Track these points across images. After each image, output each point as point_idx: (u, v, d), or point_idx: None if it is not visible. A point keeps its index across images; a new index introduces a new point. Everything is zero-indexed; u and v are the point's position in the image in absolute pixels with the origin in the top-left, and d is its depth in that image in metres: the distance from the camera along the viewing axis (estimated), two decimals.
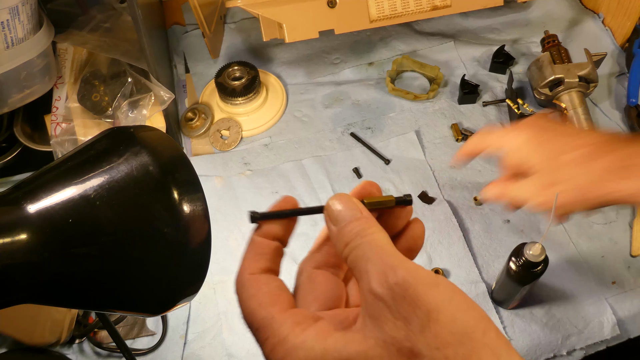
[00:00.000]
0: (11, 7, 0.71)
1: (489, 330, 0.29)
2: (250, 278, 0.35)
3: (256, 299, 0.33)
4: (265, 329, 0.32)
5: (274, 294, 0.34)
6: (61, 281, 0.35)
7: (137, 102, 0.85)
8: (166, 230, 0.35)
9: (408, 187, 0.89)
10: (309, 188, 0.90)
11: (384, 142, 0.94)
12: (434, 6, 0.94)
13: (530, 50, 1.06)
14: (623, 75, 1.02)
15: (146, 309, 0.39)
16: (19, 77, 0.77)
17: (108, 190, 0.35)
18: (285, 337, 0.31)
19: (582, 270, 0.81)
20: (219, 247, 0.84)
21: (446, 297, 0.29)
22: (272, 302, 0.33)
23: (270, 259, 0.36)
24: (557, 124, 0.66)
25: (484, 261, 0.82)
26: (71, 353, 0.77)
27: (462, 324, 0.28)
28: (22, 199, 0.35)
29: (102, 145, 0.38)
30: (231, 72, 0.96)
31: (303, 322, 0.32)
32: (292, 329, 0.31)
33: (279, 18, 0.89)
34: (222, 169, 0.92)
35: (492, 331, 0.29)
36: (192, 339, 0.77)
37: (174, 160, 0.38)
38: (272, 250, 0.36)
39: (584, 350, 0.75)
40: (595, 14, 1.10)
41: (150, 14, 0.90)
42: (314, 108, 1.00)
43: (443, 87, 1.01)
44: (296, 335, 0.31)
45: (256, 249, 0.36)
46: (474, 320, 0.29)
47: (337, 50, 1.07)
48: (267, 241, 0.36)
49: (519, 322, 0.77)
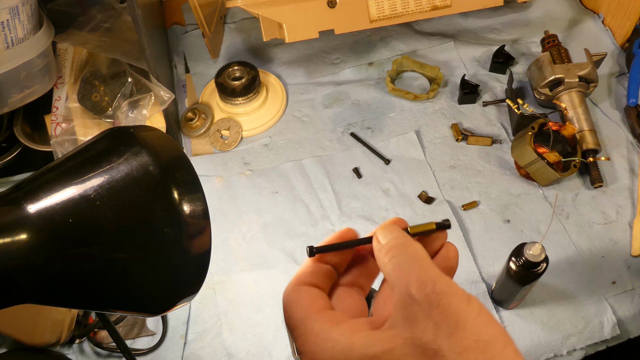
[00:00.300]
0: (11, 7, 0.71)
1: (508, 345, 0.32)
2: (295, 288, 0.38)
3: (297, 304, 0.36)
4: (300, 326, 0.35)
5: (313, 299, 0.37)
6: (61, 281, 0.35)
7: (137, 102, 0.85)
8: (166, 230, 0.35)
9: (408, 187, 0.89)
10: (309, 188, 0.90)
11: (384, 142, 0.94)
12: (434, 6, 0.94)
13: (530, 50, 1.06)
14: (623, 75, 1.02)
15: (146, 309, 0.39)
16: (19, 77, 0.77)
17: (108, 190, 0.35)
18: (318, 332, 0.34)
19: (582, 270, 0.81)
20: (219, 247, 0.84)
21: (475, 312, 0.32)
22: (310, 305, 0.36)
23: (320, 279, 0.39)
24: None
25: (484, 261, 0.82)
26: (71, 353, 0.77)
27: (486, 335, 0.31)
28: (22, 199, 0.35)
29: (102, 145, 0.38)
30: (231, 72, 0.96)
31: (335, 320, 0.35)
32: (324, 325, 0.34)
33: (279, 18, 0.89)
34: (222, 169, 0.92)
35: (511, 346, 0.32)
36: (192, 339, 0.77)
37: (174, 160, 0.38)
38: (323, 272, 0.39)
39: (584, 350, 0.75)
40: (595, 14, 1.10)
41: (150, 14, 0.90)
42: (314, 108, 1.00)
43: (443, 87, 1.01)
44: (327, 329, 0.34)
45: (308, 268, 0.39)
46: (496, 334, 0.32)
47: (337, 50, 1.07)
48: (319, 264, 0.39)
49: (519, 322, 0.77)
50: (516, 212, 0.86)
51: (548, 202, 0.87)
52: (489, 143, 0.93)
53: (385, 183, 0.90)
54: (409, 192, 0.89)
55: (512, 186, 0.89)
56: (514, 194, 0.88)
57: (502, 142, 0.94)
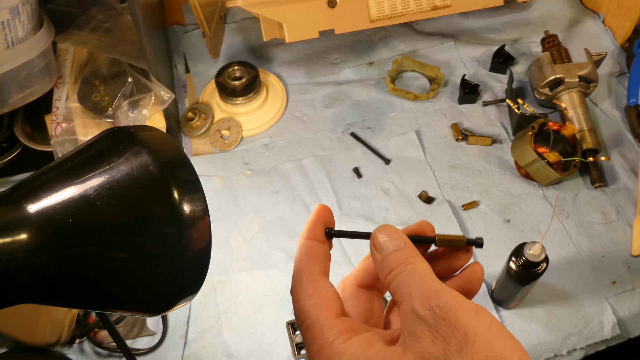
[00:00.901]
0: (11, 7, 0.71)
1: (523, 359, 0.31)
2: (310, 279, 0.37)
3: (313, 299, 0.35)
4: (315, 330, 0.34)
5: (329, 298, 0.36)
6: (61, 281, 0.35)
7: (137, 102, 0.85)
8: (166, 230, 0.35)
9: (408, 187, 0.89)
10: (309, 188, 0.90)
11: (384, 142, 0.94)
12: (434, 6, 0.94)
13: (530, 50, 1.06)
14: (623, 75, 1.02)
15: (146, 308, 0.39)
16: (19, 77, 0.77)
17: (108, 190, 0.35)
18: (332, 341, 0.33)
19: (582, 270, 0.81)
20: (219, 247, 0.84)
21: (484, 324, 0.31)
22: (327, 307, 0.35)
23: (325, 261, 0.38)
24: None
25: (484, 261, 0.82)
26: (71, 353, 0.77)
27: (498, 350, 0.30)
28: (22, 199, 0.35)
29: (103, 145, 0.38)
30: (231, 72, 0.96)
31: (351, 331, 0.34)
32: (340, 335, 0.33)
33: (279, 18, 0.89)
34: (222, 168, 0.92)
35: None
36: (192, 338, 0.78)
37: (174, 160, 0.38)
38: (325, 254, 0.39)
39: (584, 350, 0.75)
40: (596, 13, 1.10)
41: (151, 14, 0.90)
42: (314, 108, 1.00)
43: (443, 87, 1.01)
44: (342, 341, 0.33)
45: (314, 251, 0.38)
46: (509, 349, 0.31)
47: (337, 50, 1.07)
48: (322, 245, 0.39)
49: (519, 322, 0.77)
50: (516, 212, 0.86)
51: (548, 202, 0.87)
52: (489, 143, 0.93)
53: (386, 183, 0.90)
54: (409, 192, 0.89)
55: (512, 186, 0.89)
56: (514, 193, 0.88)
57: (502, 142, 0.94)
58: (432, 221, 0.84)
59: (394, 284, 0.35)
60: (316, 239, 0.39)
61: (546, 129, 0.87)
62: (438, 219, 0.85)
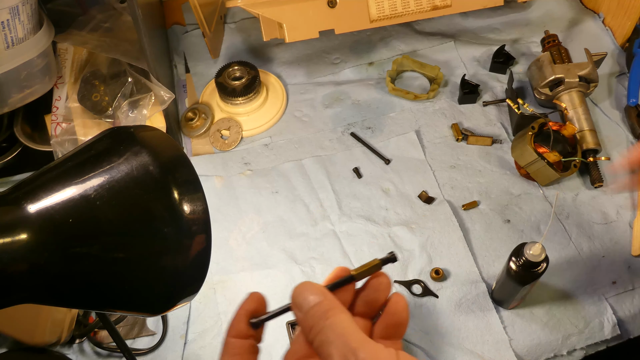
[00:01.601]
0: (11, 7, 0.71)
1: None
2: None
3: None
4: None
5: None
6: (61, 281, 0.35)
7: (137, 102, 0.85)
8: (166, 230, 0.35)
9: (408, 187, 0.89)
10: (309, 188, 0.90)
11: (384, 142, 0.94)
12: (434, 6, 0.94)
13: (531, 50, 1.06)
14: (623, 75, 1.02)
15: (146, 308, 0.39)
16: (19, 77, 0.77)
17: (108, 190, 0.35)
18: None
19: (582, 270, 0.81)
20: (219, 247, 0.84)
21: None
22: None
23: (248, 357, 0.37)
24: None
25: (484, 261, 0.82)
26: (71, 353, 0.77)
27: None
28: (22, 199, 0.35)
29: (103, 145, 0.38)
30: (231, 72, 0.96)
31: None
32: None
33: (279, 18, 0.89)
34: (222, 169, 0.92)
35: None
36: (192, 338, 0.77)
37: (174, 160, 0.38)
38: (247, 350, 0.38)
39: (584, 350, 0.75)
40: (596, 13, 1.10)
41: (150, 14, 0.90)
42: (314, 108, 1.00)
43: (443, 87, 1.01)
44: None
45: (234, 350, 0.37)
46: None
47: (337, 50, 1.07)
48: (241, 341, 0.37)
49: (519, 322, 0.77)
50: (516, 212, 0.86)
51: (548, 202, 0.87)
52: (489, 143, 0.93)
53: (386, 183, 0.90)
54: (409, 192, 0.89)
55: (512, 186, 0.89)
56: (514, 193, 0.88)
57: (502, 142, 0.94)
58: (432, 221, 0.85)
59: (316, 345, 0.34)
60: (239, 335, 0.37)
61: (546, 129, 0.87)
62: (438, 219, 0.85)
